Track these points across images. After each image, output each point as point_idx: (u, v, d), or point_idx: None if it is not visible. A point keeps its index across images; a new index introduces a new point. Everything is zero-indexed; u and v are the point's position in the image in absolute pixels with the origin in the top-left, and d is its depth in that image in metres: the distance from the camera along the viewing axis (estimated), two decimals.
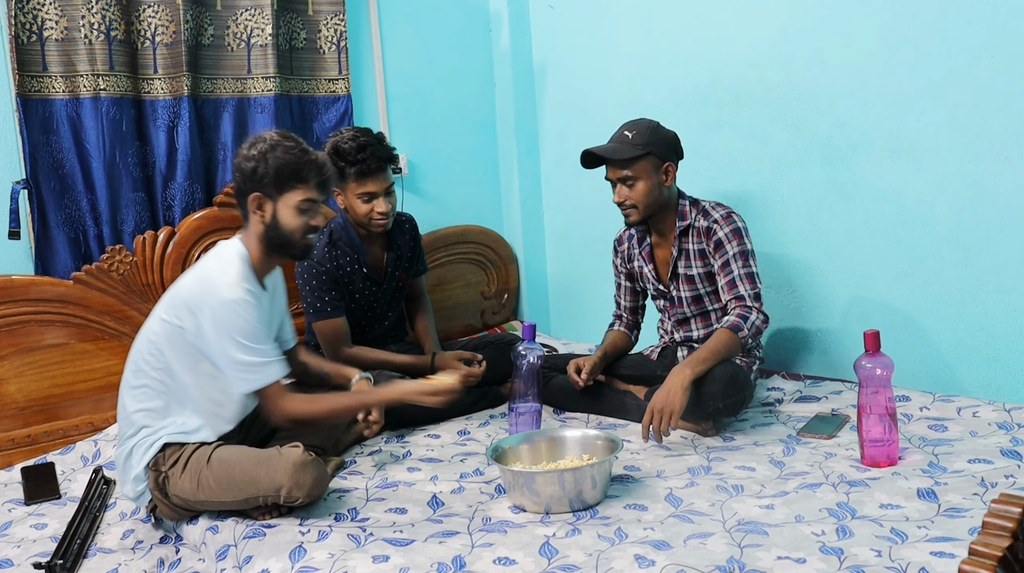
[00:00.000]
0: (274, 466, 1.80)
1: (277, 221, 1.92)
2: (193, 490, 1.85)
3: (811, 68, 2.55)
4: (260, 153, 1.89)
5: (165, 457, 1.90)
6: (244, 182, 1.93)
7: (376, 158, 2.40)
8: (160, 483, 1.89)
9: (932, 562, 1.41)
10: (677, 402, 2.04)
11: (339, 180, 2.44)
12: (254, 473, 1.80)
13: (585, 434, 1.98)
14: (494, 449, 1.89)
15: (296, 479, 1.78)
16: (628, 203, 2.30)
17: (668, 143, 2.31)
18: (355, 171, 2.41)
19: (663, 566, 1.47)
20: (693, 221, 2.33)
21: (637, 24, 3.03)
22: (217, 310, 1.82)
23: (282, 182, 1.90)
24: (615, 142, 2.31)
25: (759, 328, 2.22)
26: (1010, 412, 2.08)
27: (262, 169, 1.89)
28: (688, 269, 2.36)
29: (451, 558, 1.56)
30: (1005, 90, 2.16)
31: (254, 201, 1.92)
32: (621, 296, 2.58)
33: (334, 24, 3.01)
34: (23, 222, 2.47)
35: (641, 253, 2.46)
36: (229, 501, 1.84)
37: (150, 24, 2.65)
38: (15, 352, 2.38)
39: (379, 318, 2.67)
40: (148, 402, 1.92)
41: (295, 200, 1.91)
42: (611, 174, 2.31)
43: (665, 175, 2.29)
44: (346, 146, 2.39)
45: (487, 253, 3.43)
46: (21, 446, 2.37)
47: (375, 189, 2.44)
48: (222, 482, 1.83)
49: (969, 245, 2.28)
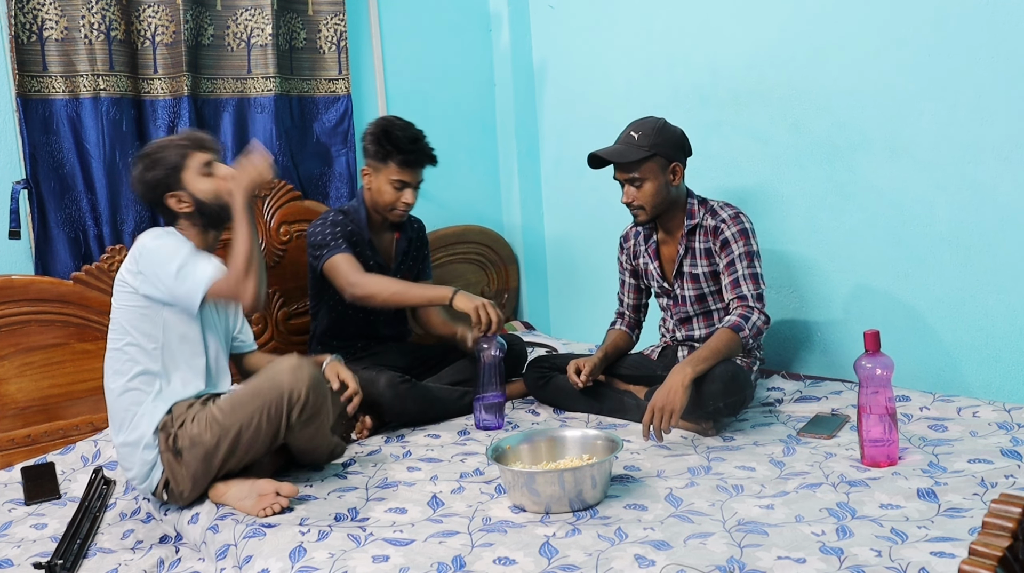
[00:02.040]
0: (272, 372, 1.93)
1: (195, 198, 2.01)
2: (202, 432, 1.91)
3: (811, 68, 2.55)
4: (148, 162, 2.03)
5: (172, 419, 1.95)
6: (148, 191, 2.04)
7: (423, 153, 2.53)
8: (171, 443, 1.92)
9: (932, 562, 1.41)
10: (677, 401, 2.04)
11: (378, 161, 2.51)
12: (256, 386, 1.92)
13: (585, 434, 1.98)
14: (494, 449, 1.89)
15: (296, 375, 1.90)
16: (636, 204, 2.30)
17: (675, 142, 2.30)
18: (400, 159, 2.49)
19: (663, 566, 1.47)
20: (701, 220, 2.33)
21: (637, 24, 3.04)
22: (147, 246, 1.95)
23: (177, 167, 2.02)
24: (621, 143, 2.30)
25: (760, 329, 2.22)
26: (1010, 412, 2.08)
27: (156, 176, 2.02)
28: (693, 267, 2.36)
29: (451, 558, 1.56)
30: (1005, 90, 2.16)
31: (171, 197, 2.02)
32: (625, 293, 2.58)
33: (334, 24, 3.01)
34: (23, 222, 2.47)
35: (647, 250, 2.46)
36: (238, 427, 1.88)
37: (150, 24, 2.65)
38: (15, 352, 2.38)
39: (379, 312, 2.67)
40: (134, 376, 1.98)
41: (195, 167, 2.02)
42: (619, 175, 2.31)
43: (673, 175, 2.29)
44: (399, 134, 2.50)
45: (487, 253, 3.43)
46: (21, 446, 2.37)
47: (410, 180, 2.53)
48: (227, 408, 1.91)
49: (969, 245, 2.28)
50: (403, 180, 2.51)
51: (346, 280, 2.44)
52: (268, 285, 2.79)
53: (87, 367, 2.46)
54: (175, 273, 1.92)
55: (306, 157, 2.99)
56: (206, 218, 2.04)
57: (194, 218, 2.04)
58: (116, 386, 1.98)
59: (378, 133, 2.51)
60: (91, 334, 2.47)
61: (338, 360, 2.25)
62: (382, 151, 2.49)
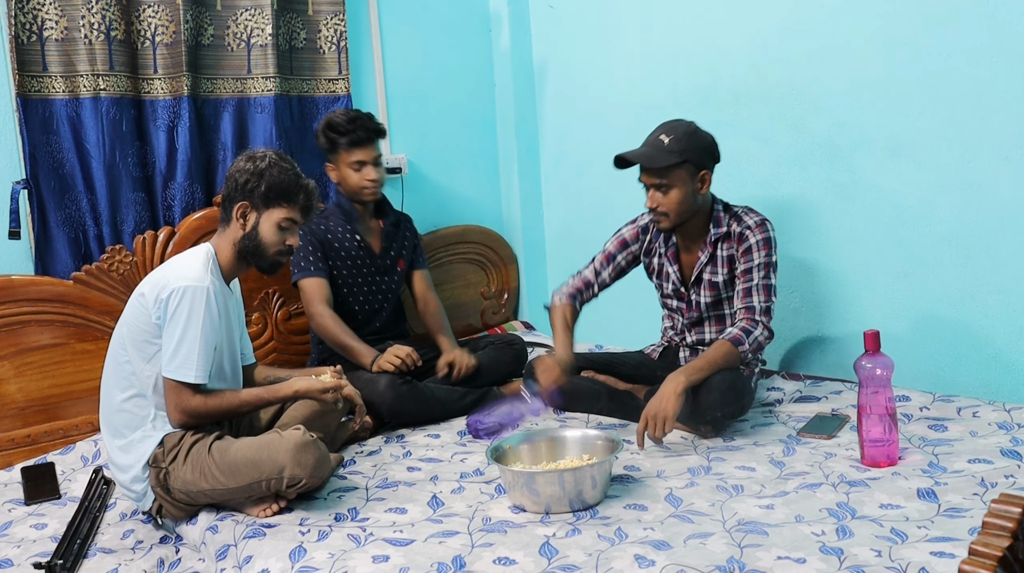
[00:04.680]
0: (276, 448, 1.83)
1: (256, 232, 2.02)
2: (196, 479, 1.87)
3: (811, 68, 2.55)
4: (257, 169, 2.00)
5: (164, 452, 1.91)
6: (235, 191, 2.02)
7: (365, 129, 2.61)
8: (162, 479, 1.90)
9: (932, 562, 1.41)
10: (670, 408, 2.03)
11: (332, 153, 2.64)
12: (256, 456, 1.83)
13: (585, 434, 1.98)
14: (494, 449, 1.89)
15: (298, 459, 1.81)
16: (660, 210, 2.23)
17: (705, 149, 2.24)
18: (346, 141, 2.59)
19: (663, 566, 1.47)
20: (729, 228, 2.29)
21: (637, 24, 3.04)
22: (183, 294, 1.89)
23: (271, 198, 2.01)
24: (650, 147, 2.23)
25: (761, 344, 2.21)
26: (1010, 412, 2.08)
27: (254, 182, 2.00)
28: (714, 275, 2.32)
29: (451, 558, 1.57)
30: (1005, 90, 2.16)
31: (239, 209, 2.01)
32: (607, 272, 2.44)
33: (334, 24, 3.01)
34: (23, 222, 2.47)
35: (667, 253, 2.40)
36: (233, 488, 1.85)
37: (150, 24, 2.65)
38: (15, 352, 2.37)
39: (377, 308, 2.69)
40: (129, 398, 1.95)
41: (279, 217, 2.03)
42: (645, 179, 2.25)
43: (701, 183, 2.24)
44: (338, 119, 2.61)
45: (487, 253, 3.43)
46: (21, 446, 2.37)
47: (364, 157, 2.61)
48: (224, 468, 1.85)
49: (969, 245, 2.28)
50: (357, 160, 2.60)
51: (308, 307, 2.57)
52: (268, 285, 2.81)
53: (87, 367, 2.45)
54: (178, 349, 1.88)
55: (306, 157, 2.98)
56: (243, 249, 2.02)
57: (237, 239, 2.02)
58: (114, 400, 1.96)
59: (322, 128, 2.64)
60: (91, 334, 2.47)
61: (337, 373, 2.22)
62: (329, 142, 2.62)
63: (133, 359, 1.94)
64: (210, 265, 1.98)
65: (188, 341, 1.88)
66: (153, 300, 1.91)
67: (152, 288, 1.93)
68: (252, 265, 2.06)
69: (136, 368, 1.94)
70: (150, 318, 1.92)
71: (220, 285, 1.99)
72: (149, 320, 1.92)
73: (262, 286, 2.81)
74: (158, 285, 1.93)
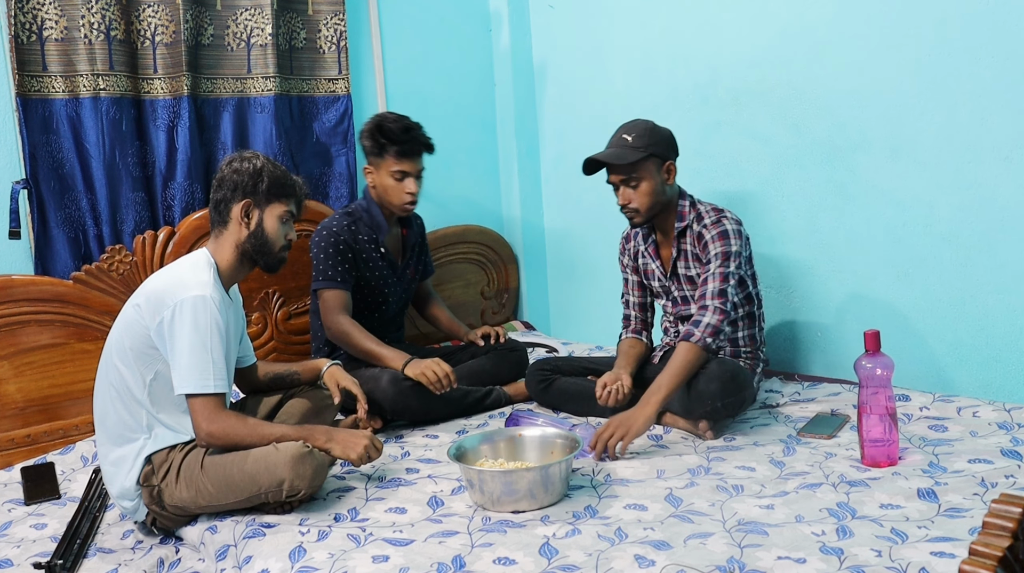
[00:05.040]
0: (273, 461, 1.81)
1: (262, 229, 2.01)
2: (192, 498, 1.85)
3: (811, 68, 2.55)
4: (254, 167, 2.01)
5: (154, 469, 1.89)
6: (233, 191, 2.00)
7: (418, 142, 2.56)
8: (155, 497, 1.88)
9: (932, 562, 1.41)
10: (635, 428, 2.05)
11: (376, 157, 2.56)
12: (253, 471, 1.81)
13: (544, 433, 2.00)
14: (456, 448, 1.91)
15: (297, 470, 1.80)
16: (631, 206, 2.28)
17: (667, 141, 2.31)
18: (396, 150, 2.52)
19: (663, 566, 1.47)
20: (690, 223, 2.33)
21: (637, 24, 3.04)
22: (185, 305, 1.85)
23: (272, 194, 2.01)
24: (615, 147, 2.29)
25: (715, 326, 2.17)
26: (1010, 412, 2.08)
27: (255, 180, 2.00)
28: (687, 270, 2.36)
29: (451, 558, 1.56)
30: (1005, 90, 2.16)
31: (242, 208, 1.99)
32: (630, 293, 2.53)
33: (334, 24, 3.01)
34: (23, 222, 2.47)
35: (647, 250, 2.45)
36: (231, 502, 1.84)
37: (150, 24, 2.65)
38: (15, 352, 2.38)
39: (391, 316, 2.70)
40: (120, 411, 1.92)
41: (280, 211, 2.03)
42: (613, 178, 2.29)
43: (667, 174, 2.29)
44: (391, 126, 2.54)
45: (487, 253, 3.43)
46: (21, 446, 2.37)
47: (410, 169, 2.55)
48: (220, 485, 1.83)
49: (969, 245, 2.28)
50: (403, 170, 2.54)
51: (327, 316, 2.52)
52: (268, 285, 2.81)
53: (87, 367, 2.45)
54: (191, 361, 1.83)
55: (306, 157, 2.99)
56: (248, 249, 2.00)
57: (240, 240, 1.99)
58: (106, 413, 1.93)
59: (372, 129, 2.55)
60: (91, 334, 2.47)
61: (337, 365, 2.25)
62: (378, 145, 2.54)
63: (124, 372, 1.90)
64: (211, 273, 1.94)
65: (200, 352, 1.83)
66: (151, 312, 1.87)
67: (149, 299, 1.89)
68: (257, 264, 2.04)
69: (128, 382, 1.90)
70: (147, 330, 1.87)
71: (222, 295, 1.94)
72: (145, 332, 1.87)
73: (262, 286, 2.81)
74: (157, 297, 1.88)
